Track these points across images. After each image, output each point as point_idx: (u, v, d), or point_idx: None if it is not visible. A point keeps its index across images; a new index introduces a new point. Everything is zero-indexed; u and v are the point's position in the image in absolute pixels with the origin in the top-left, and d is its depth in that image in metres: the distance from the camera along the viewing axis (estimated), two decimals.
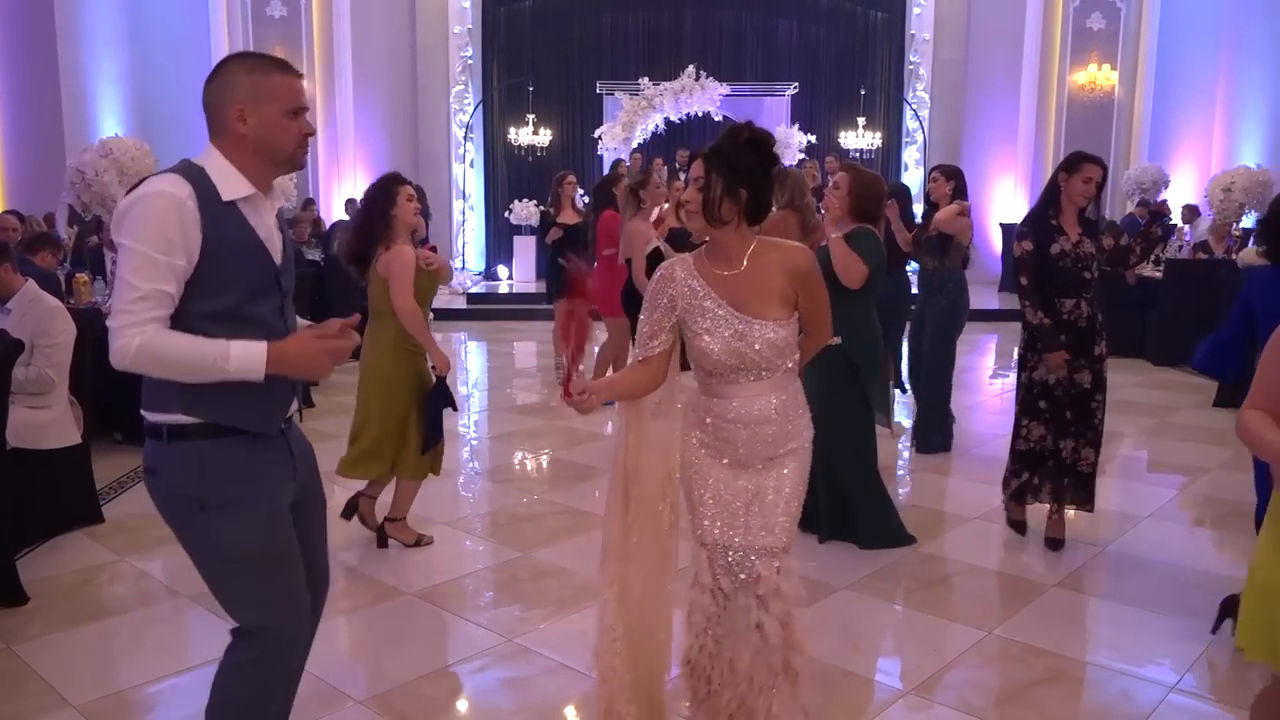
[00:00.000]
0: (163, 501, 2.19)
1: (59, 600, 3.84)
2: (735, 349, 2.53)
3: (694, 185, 2.54)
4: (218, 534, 2.14)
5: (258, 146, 2.15)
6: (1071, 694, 3.16)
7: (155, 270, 2.00)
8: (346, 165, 14.48)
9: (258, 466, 2.19)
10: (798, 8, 15.44)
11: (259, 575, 2.20)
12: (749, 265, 2.57)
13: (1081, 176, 4.27)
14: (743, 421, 2.60)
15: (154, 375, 2.07)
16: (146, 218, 2.01)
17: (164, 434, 2.11)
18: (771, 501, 2.62)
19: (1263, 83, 12.93)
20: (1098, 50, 14.68)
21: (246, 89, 2.13)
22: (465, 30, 14.67)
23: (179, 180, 2.06)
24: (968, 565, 4.23)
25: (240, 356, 2.05)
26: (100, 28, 12.38)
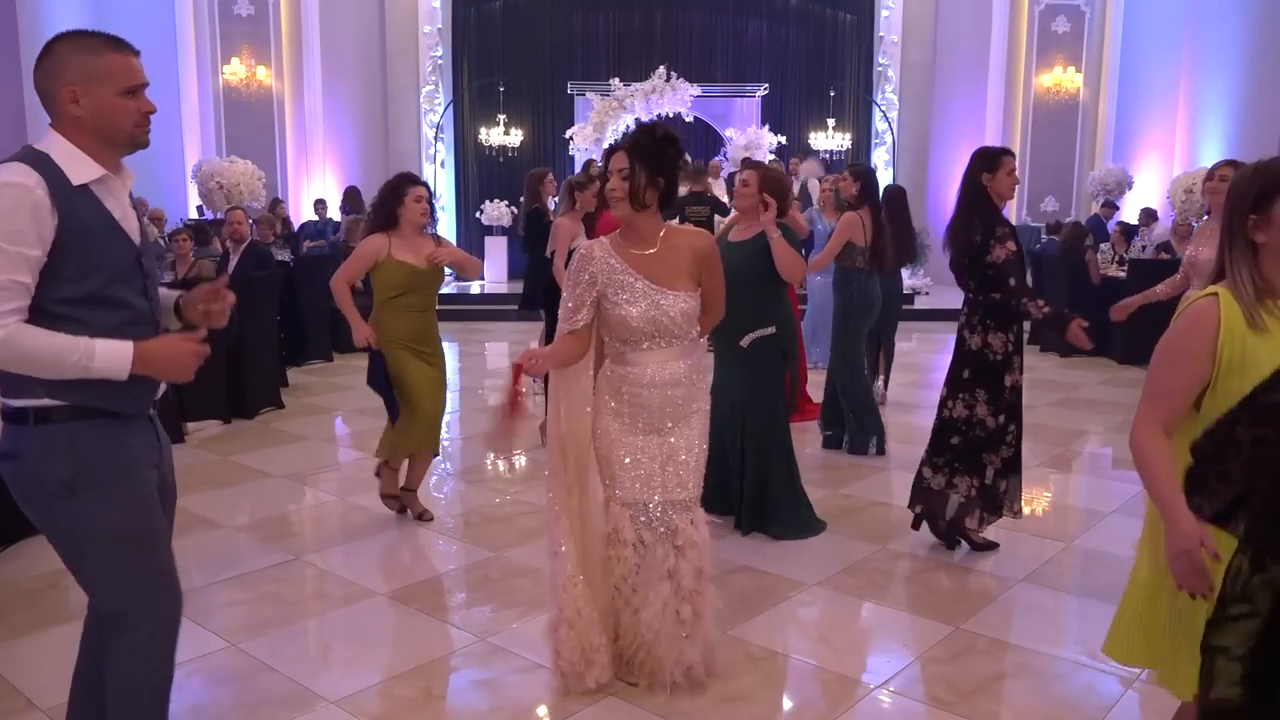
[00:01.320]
0: (25, 488, 2.12)
1: (23, 604, 3.80)
2: (652, 317, 2.94)
3: (618, 175, 2.93)
4: (88, 517, 2.09)
5: (95, 128, 2.09)
6: (1037, 687, 3.22)
7: (7, 261, 1.94)
8: (316, 165, 14.38)
9: (129, 449, 2.16)
10: (767, 9, 15.52)
11: (134, 555, 2.17)
12: (661, 246, 3.01)
13: (1005, 170, 4.17)
14: (657, 385, 2.99)
15: (16, 370, 2.01)
16: (8, 208, 1.95)
17: (29, 418, 2.06)
18: (684, 460, 3.04)
19: (1224, 85, 13.15)
20: (1063, 53, 14.89)
21: (77, 70, 2.07)
22: (435, 30, 14.62)
23: (24, 169, 2.00)
24: (936, 562, 4.28)
25: (105, 355, 2.02)
26: (64, 24, 12.08)
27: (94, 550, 2.13)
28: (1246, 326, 1.91)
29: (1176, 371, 1.98)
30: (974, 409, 4.21)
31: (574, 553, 3.03)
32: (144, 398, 2.20)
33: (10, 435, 2.10)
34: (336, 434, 6.81)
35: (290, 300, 8.42)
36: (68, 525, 2.12)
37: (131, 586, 2.18)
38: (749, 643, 3.48)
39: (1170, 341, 2.01)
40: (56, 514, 2.12)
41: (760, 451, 4.49)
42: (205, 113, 13.99)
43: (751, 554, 4.30)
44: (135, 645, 2.20)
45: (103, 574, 2.17)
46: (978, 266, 4.15)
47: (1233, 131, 13.04)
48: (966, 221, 4.20)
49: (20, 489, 2.14)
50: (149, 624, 2.21)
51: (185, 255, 7.51)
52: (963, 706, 3.06)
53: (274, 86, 14.09)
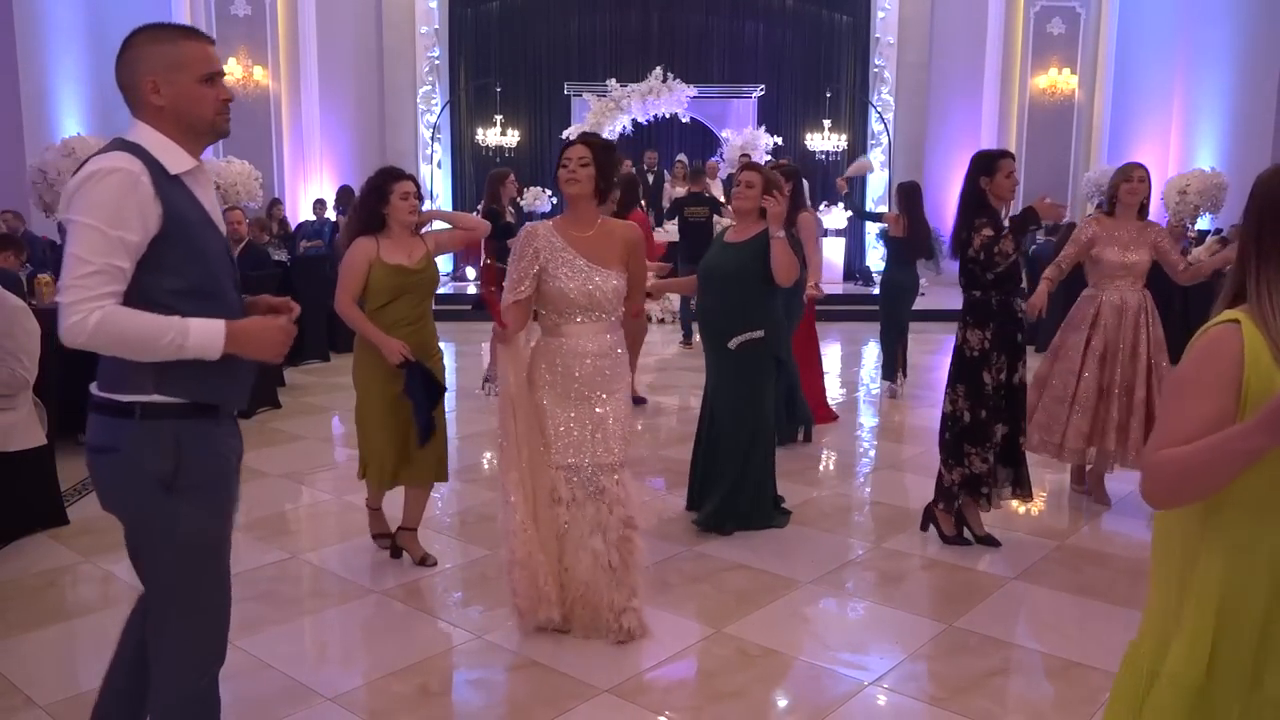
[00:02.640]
0: (119, 481, 2.12)
1: (22, 602, 3.81)
2: (587, 290, 3.34)
3: (578, 163, 3.36)
4: (180, 517, 2.09)
5: (178, 117, 2.10)
6: (1029, 683, 3.24)
7: (108, 245, 1.95)
8: (313, 166, 14.39)
9: (222, 449, 2.18)
10: (764, 11, 15.55)
11: (209, 559, 2.19)
12: (597, 230, 3.42)
13: (1004, 173, 4.22)
14: (589, 355, 3.38)
15: (107, 352, 2.02)
16: (99, 193, 1.96)
17: (135, 412, 2.06)
18: (610, 427, 3.40)
19: (1219, 87, 13.21)
20: (1058, 55, 14.94)
21: (156, 59, 2.08)
22: (432, 31, 14.64)
23: (128, 156, 2.01)
24: (929, 560, 4.31)
25: (199, 333, 2.01)
26: (60, 26, 12.21)
27: (176, 550, 2.13)
28: (1273, 359, 1.57)
29: (1195, 403, 1.64)
30: (955, 404, 4.35)
31: (521, 503, 3.33)
32: (243, 389, 2.22)
33: (108, 428, 2.10)
34: (333, 433, 6.83)
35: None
36: (156, 522, 2.11)
37: (199, 589, 2.19)
38: (744, 640, 3.50)
39: (1186, 373, 1.69)
40: (148, 510, 2.11)
41: (738, 457, 4.47)
42: None
43: (746, 552, 4.33)
44: (181, 645, 2.20)
45: (173, 574, 2.16)
46: (964, 264, 4.31)
47: (1226, 133, 13.10)
48: (961, 224, 4.29)
49: (112, 481, 2.14)
50: (206, 630, 2.22)
51: None
52: (956, 703, 3.08)
53: (271, 87, 14.09)
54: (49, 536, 4.48)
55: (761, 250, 4.32)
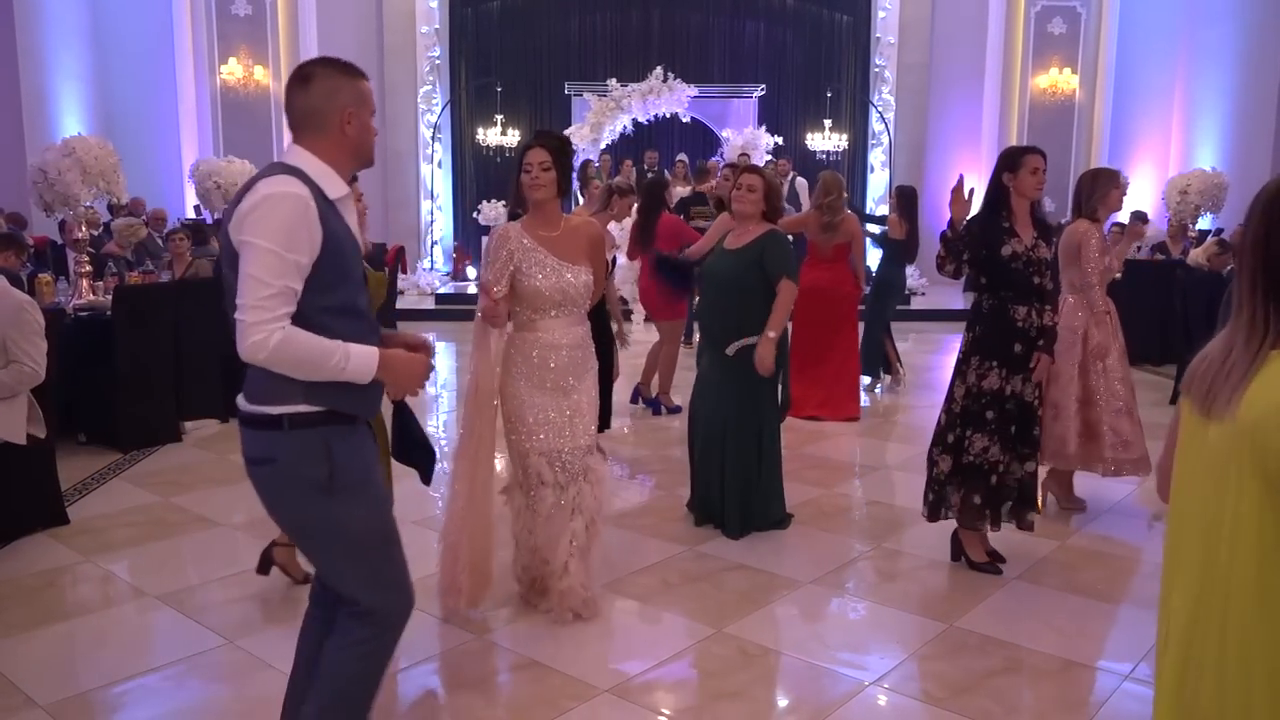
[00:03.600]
0: (280, 490, 2.23)
1: (22, 602, 3.81)
2: (560, 287, 3.47)
3: (540, 168, 3.43)
4: (342, 517, 2.21)
5: (356, 149, 2.26)
6: (1029, 683, 3.24)
7: (284, 267, 2.07)
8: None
9: (367, 454, 2.30)
10: (764, 10, 15.54)
11: (382, 555, 2.30)
12: (563, 229, 3.55)
13: (1028, 169, 4.00)
14: (564, 346, 3.54)
15: (280, 370, 2.11)
16: (274, 217, 2.07)
17: (284, 423, 2.15)
18: (585, 413, 3.60)
19: (1220, 87, 13.20)
20: (1059, 54, 14.92)
21: (351, 95, 2.23)
22: (433, 30, 14.63)
23: (297, 181, 2.13)
24: (929, 560, 4.30)
25: (358, 358, 2.15)
26: (61, 24, 12.22)
27: (347, 548, 2.25)
28: None
29: None
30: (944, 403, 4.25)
31: (463, 492, 3.50)
32: (376, 403, 2.33)
33: (262, 441, 2.19)
34: None
35: None
36: (322, 524, 2.23)
37: (378, 584, 2.30)
38: (744, 640, 3.50)
39: None
40: (311, 514, 2.22)
41: (744, 462, 4.46)
42: (202, 113, 14.01)
43: (746, 553, 4.33)
44: (365, 638, 2.30)
45: (353, 572, 2.28)
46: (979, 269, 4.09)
47: (1227, 133, 13.10)
48: (973, 219, 4.12)
49: (273, 491, 2.24)
50: (384, 622, 2.31)
51: (182, 255, 7.51)
52: (956, 703, 3.09)
53: (271, 86, 14.09)
54: (49, 536, 4.48)
55: (757, 256, 4.32)
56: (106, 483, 5.33)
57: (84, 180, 6.47)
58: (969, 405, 4.04)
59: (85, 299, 6.45)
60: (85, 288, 6.55)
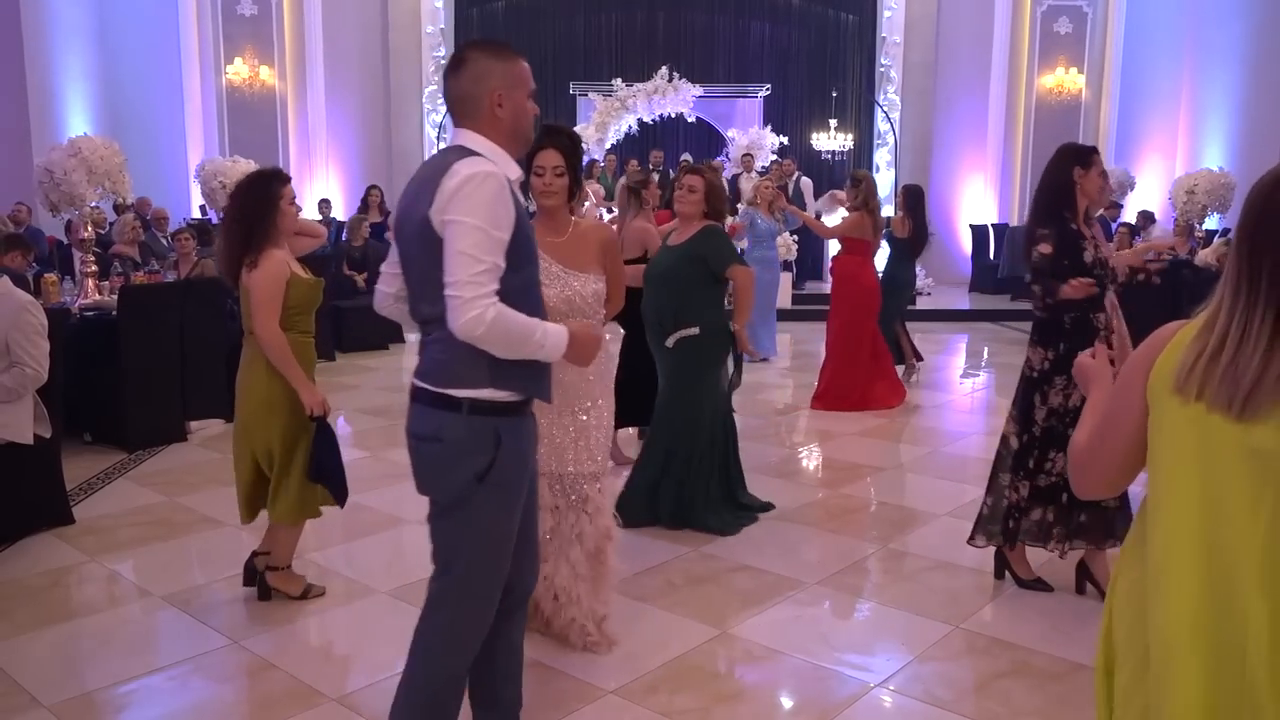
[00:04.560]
0: (438, 468, 2.27)
1: (27, 601, 3.81)
2: (566, 297, 3.20)
3: (553, 172, 3.18)
4: (484, 508, 2.27)
5: (511, 129, 2.28)
6: (1036, 685, 3.23)
7: (491, 244, 2.12)
8: (319, 166, 14.41)
9: (528, 447, 2.36)
10: (769, 10, 15.53)
11: (497, 551, 2.35)
12: (571, 234, 3.28)
13: (1097, 170, 3.70)
14: (563, 362, 3.07)
15: (487, 346, 2.15)
16: (480, 195, 2.13)
17: (464, 407, 2.20)
18: (594, 436, 3.33)
19: (1226, 87, 13.16)
20: (1065, 54, 14.90)
21: (501, 76, 2.25)
22: (438, 30, 14.64)
23: (489, 162, 2.18)
24: (936, 561, 4.29)
25: (554, 335, 2.23)
26: (68, 25, 12.25)
27: (474, 538, 2.31)
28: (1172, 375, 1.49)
29: None
30: (1006, 425, 3.93)
31: None
32: (549, 384, 2.42)
33: (433, 418, 2.24)
34: (339, 433, 6.82)
35: None
36: (465, 510, 2.28)
37: (481, 577, 2.34)
38: (749, 641, 3.49)
39: None
40: (460, 498, 2.27)
41: (680, 454, 4.50)
42: (208, 112, 14.04)
43: (752, 553, 4.32)
44: (439, 624, 2.36)
45: (466, 558, 2.32)
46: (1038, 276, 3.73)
47: (1234, 132, 13.05)
48: (1032, 223, 3.78)
49: (432, 467, 2.29)
50: (475, 615, 2.36)
51: (188, 255, 7.52)
52: (962, 705, 3.07)
53: (277, 86, 14.11)
54: (54, 536, 4.49)
55: (697, 251, 4.43)
56: (112, 482, 5.34)
57: (90, 180, 6.49)
58: (1053, 425, 3.79)
59: (91, 299, 6.46)
60: (91, 287, 6.56)
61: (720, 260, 4.45)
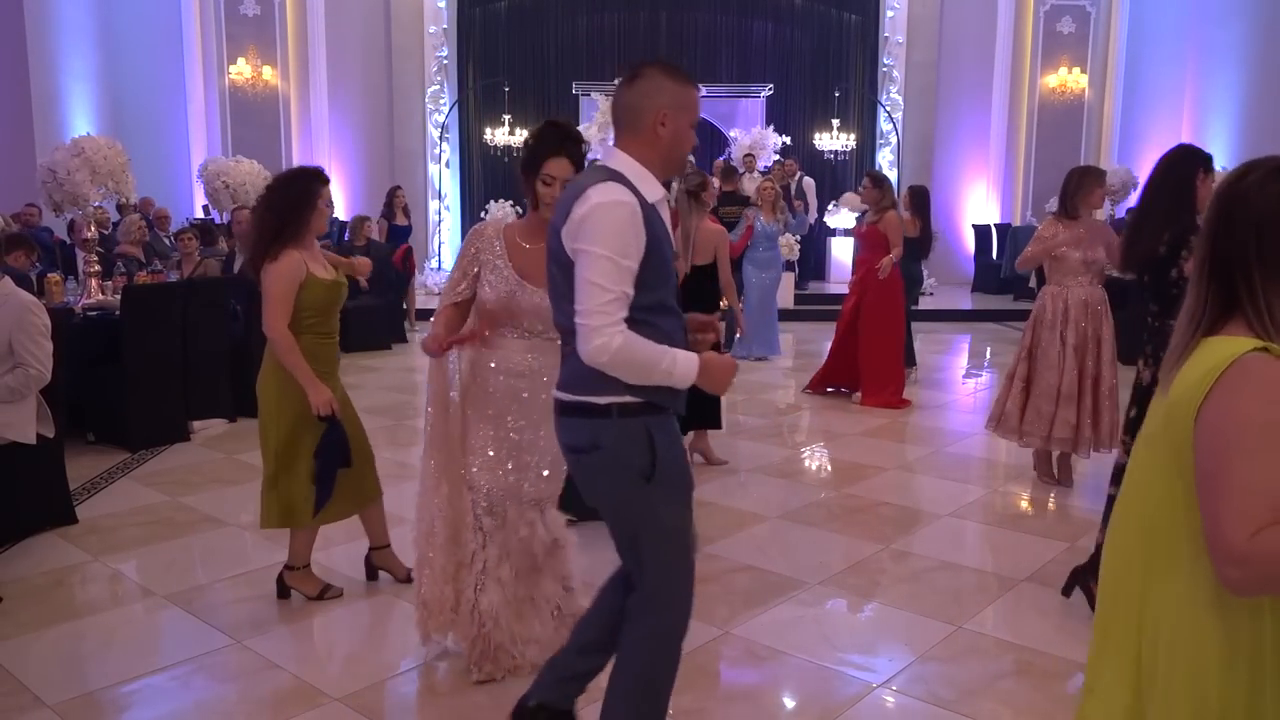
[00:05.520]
0: (601, 476, 2.32)
1: (31, 601, 3.82)
2: (506, 304, 3.02)
3: (563, 185, 2.89)
4: (657, 506, 2.30)
5: (667, 152, 2.31)
6: (1039, 686, 3.22)
7: (619, 274, 2.17)
8: (321, 165, 14.38)
9: (679, 446, 2.39)
10: (772, 10, 15.52)
11: (683, 548, 2.36)
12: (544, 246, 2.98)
13: (1212, 177, 3.53)
14: (502, 371, 3.07)
15: (618, 373, 2.21)
16: (610, 224, 2.17)
17: (613, 412, 2.25)
18: (529, 461, 3.09)
19: (1229, 86, 13.14)
20: (1068, 54, 14.88)
21: (671, 96, 2.28)
22: (440, 30, 14.64)
23: (624, 189, 2.21)
24: (939, 561, 4.29)
25: (683, 364, 2.24)
26: (71, 25, 12.26)
27: (654, 537, 2.33)
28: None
29: None
30: None
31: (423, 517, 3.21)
32: (685, 399, 2.39)
33: (587, 429, 2.29)
34: None
35: None
36: (638, 511, 2.32)
37: (678, 576, 2.37)
38: (752, 641, 3.49)
39: (1264, 417, 1.35)
40: (630, 500, 2.31)
41: None
42: (211, 112, 14.05)
43: (754, 553, 4.32)
44: (651, 632, 2.38)
45: (654, 560, 2.34)
46: (1161, 284, 3.49)
47: (1237, 132, 13.04)
48: (1157, 228, 3.50)
49: (596, 477, 2.34)
50: (666, 614, 2.38)
51: (191, 255, 7.53)
52: (964, 705, 3.07)
53: (280, 86, 14.13)
54: (58, 535, 4.49)
55: None
56: (115, 482, 5.34)
57: (93, 180, 6.50)
58: None
59: (94, 299, 6.47)
60: (94, 287, 6.57)
61: None
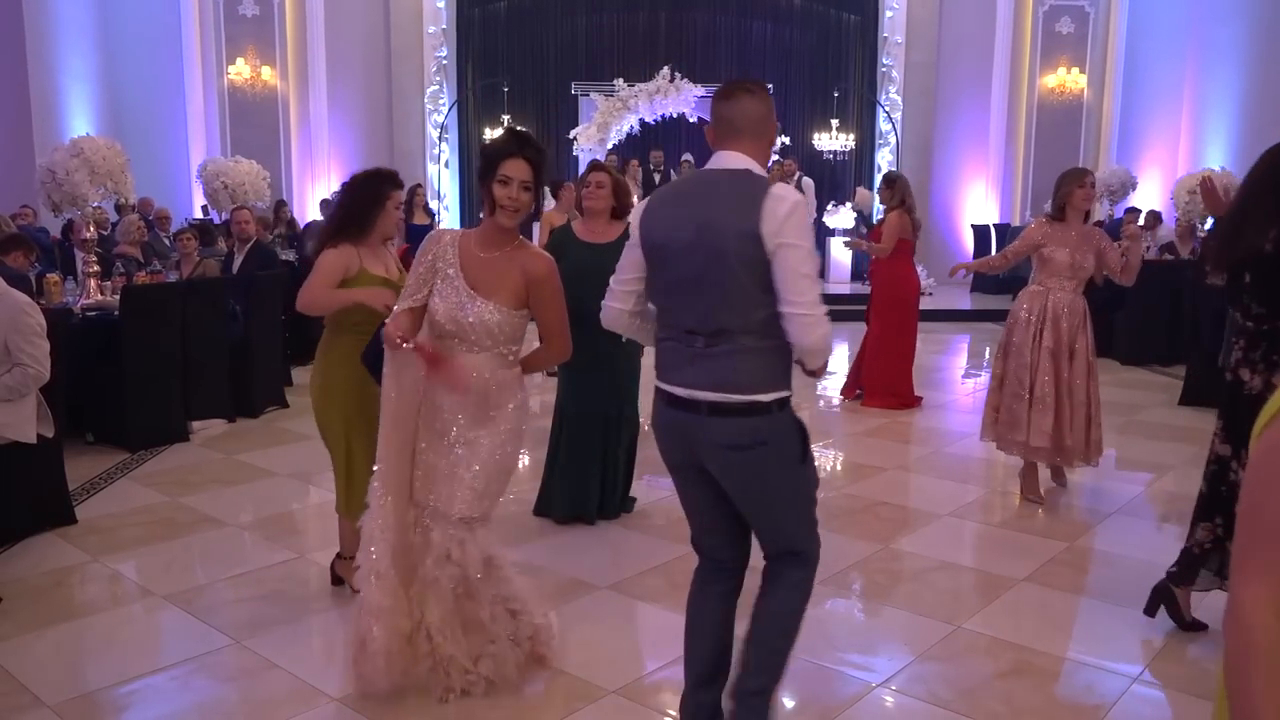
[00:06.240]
0: (766, 468, 2.45)
1: (31, 601, 3.82)
2: (454, 316, 2.90)
3: (520, 186, 2.88)
4: (808, 481, 2.55)
5: (764, 160, 2.57)
6: (1038, 685, 3.23)
7: (815, 264, 2.41)
8: (320, 166, 14.41)
9: None
10: (771, 10, 15.53)
11: (814, 508, 2.63)
12: (500, 254, 2.96)
13: None
14: (446, 386, 2.92)
15: (823, 355, 2.45)
16: (806, 221, 2.39)
17: (774, 408, 2.42)
18: (463, 478, 2.93)
19: (1228, 86, 13.15)
20: (1067, 54, 14.88)
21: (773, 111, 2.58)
22: (440, 30, 14.65)
23: None
24: (938, 561, 4.29)
25: None
26: (70, 25, 12.26)
27: (803, 507, 2.59)
28: None
29: None
30: (1228, 465, 3.36)
31: (370, 535, 2.98)
32: None
33: (750, 426, 2.41)
34: None
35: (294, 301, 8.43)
36: (794, 488, 2.53)
37: (813, 531, 2.64)
38: None
39: None
40: (788, 483, 2.51)
41: (626, 445, 4.77)
42: (210, 113, 14.05)
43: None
44: (804, 578, 2.64)
45: (801, 524, 2.60)
46: (1270, 284, 3.23)
47: (1236, 132, 13.04)
48: (1261, 226, 3.24)
49: (767, 469, 2.46)
50: (814, 562, 2.66)
51: (190, 255, 7.52)
52: (964, 705, 3.07)
53: (279, 87, 14.12)
54: (57, 536, 4.49)
55: None
56: (114, 482, 5.34)
57: (92, 180, 6.49)
58: None
59: (93, 299, 6.47)
60: (93, 288, 6.57)
61: None
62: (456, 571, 2.94)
